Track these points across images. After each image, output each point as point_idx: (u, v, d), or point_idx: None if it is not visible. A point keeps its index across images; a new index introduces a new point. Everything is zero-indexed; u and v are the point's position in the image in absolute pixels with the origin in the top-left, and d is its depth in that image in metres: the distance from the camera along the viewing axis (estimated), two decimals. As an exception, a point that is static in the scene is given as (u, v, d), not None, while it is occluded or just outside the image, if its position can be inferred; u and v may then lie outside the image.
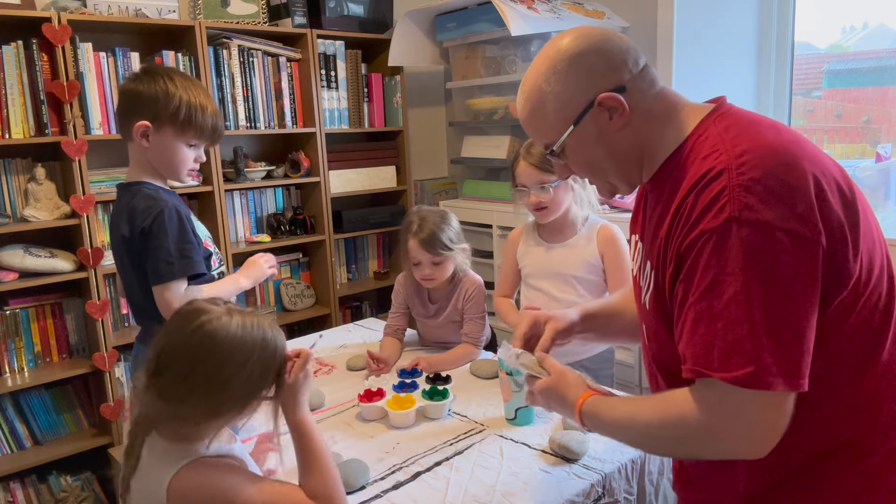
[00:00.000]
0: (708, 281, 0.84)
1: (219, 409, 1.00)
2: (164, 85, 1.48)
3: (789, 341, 0.81)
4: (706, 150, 0.90)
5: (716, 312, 0.83)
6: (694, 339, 0.86)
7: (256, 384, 1.03)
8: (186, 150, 1.53)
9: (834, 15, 2.53)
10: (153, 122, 1.48)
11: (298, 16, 2.92)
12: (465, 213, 2.88)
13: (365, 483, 1.33)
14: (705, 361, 0.84)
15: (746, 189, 0.82)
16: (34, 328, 2.48)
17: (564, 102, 0.99)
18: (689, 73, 2.51)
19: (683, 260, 0.88)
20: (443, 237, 1.89)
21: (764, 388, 0.80)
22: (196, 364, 0.98)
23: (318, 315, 3.13)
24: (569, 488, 1.28)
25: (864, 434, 0.90)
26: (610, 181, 1.06)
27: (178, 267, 1.47)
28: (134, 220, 1.47)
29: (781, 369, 0.80)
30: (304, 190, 3.16)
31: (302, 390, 1.11)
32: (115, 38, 2.59)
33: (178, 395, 0.98)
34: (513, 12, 2.39)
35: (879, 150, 2.31)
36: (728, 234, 0.82)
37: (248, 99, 2.83)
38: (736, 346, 0.81)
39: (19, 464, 2.38)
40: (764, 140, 0.87)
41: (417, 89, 3.49)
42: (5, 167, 2.40)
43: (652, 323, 1.01)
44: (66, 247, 2.49)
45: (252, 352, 1.01)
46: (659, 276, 0.95)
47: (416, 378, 1.79)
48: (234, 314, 1.03)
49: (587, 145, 1.01)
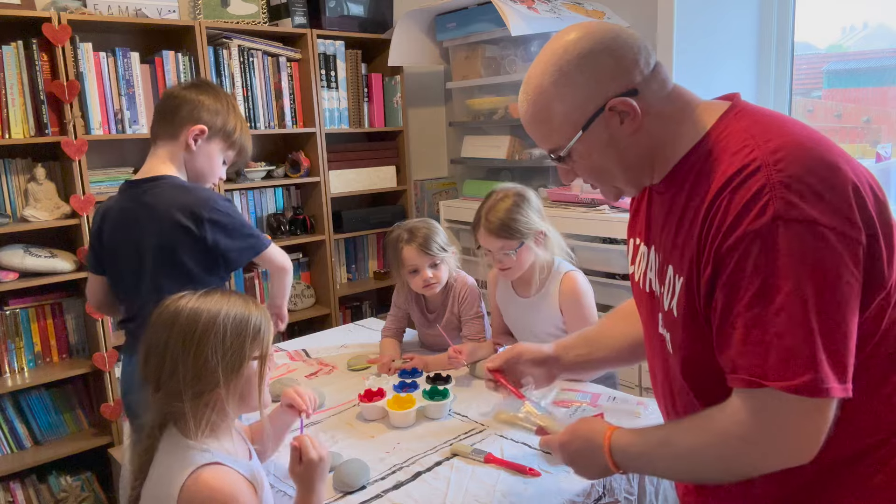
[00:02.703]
0: (757, 285, 0.80)
1: (203, 379, 1.00)
2: (227, 103, 1.63)
3: (841, 345, 0.78)
4: (734, 147, 0.86)
5: (769, 318, 0.79)
6: (746, 348, 0.81)
7: (233, 349, 1.02)
8: (221, 164, 1.66)
9: (834, 15, 2.53)
10: (210, 129, 1.59)
11: (298, 16, 2.92)
12: (466, 213, 2.88)
13: (365, 483, 1.33)
14: (761, 370, 0.80)
15: (787, 186, 0.79)
16: (34, 328, 2.48)
17: (573, 107, 0.92)
18: (689, 73, 2.51)
19: (724, 263, 0.83)
20: (437, 239, 1.90)
21: (824, 396, 0.78)
22: (168, 339, 1.01)
23: (318, 315, 3.13)
24: (569, 488, 1.28)
25: (887, 439, 0.87)
26: (617, 185, 1.01)
27: (261, 237, 1.64)
28: (199, 207, 1.51)
29: (837, 374, 0.78)
30: (304, 190, 3.16)
31: (313, 475, 1.11)
32: (115, 38, 2.59)
33: (164, 376, 1.01)
34: (513, 12, 2.39)
35: (879, 150, 2.31)
36: (775, 235, 0.78)
37: (247, 99, 2.83)
38: (793, 353, 0.78)
39: (19, 464, 2.38)
40: (796, 136, 0.84)
41: (417, 89, 3.49)
42: (5, 167, 2.39)
43: (680, 331, 0.95)
44: (66, 247, 2.49)
45: (222, 320, 1.02)
46: (693, 281, 0.89)
47: (416, 378, 1.79)
48: (204, 295, 1.05)
49: (596, 151, 0.95)
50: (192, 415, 1.01)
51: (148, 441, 1.04)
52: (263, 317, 1.08)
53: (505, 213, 1.71)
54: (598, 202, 2.43)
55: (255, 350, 1.06)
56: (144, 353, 1.04)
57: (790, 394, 0.78)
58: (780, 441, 0.82)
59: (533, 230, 1.73)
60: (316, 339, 2.32)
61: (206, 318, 1.02)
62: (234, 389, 1.04)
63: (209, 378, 1.01)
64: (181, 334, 1.01)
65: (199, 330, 1.01)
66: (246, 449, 1.15)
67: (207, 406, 1.02)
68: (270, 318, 1.10)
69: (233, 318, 1.03)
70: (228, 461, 1.03)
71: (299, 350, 2.18)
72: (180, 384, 1.00)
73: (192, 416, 1.01)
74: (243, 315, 1.05)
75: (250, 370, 1.06)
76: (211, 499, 0.97)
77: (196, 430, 1.01)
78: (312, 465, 1.11)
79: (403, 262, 1.91)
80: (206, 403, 1.02)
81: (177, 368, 1.00)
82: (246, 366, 1.05)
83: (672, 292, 0.95)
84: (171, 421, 1.03)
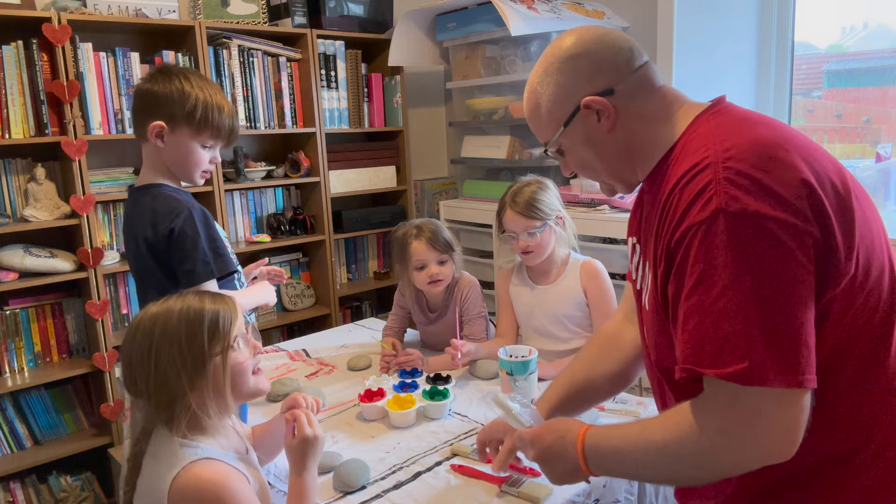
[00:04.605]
0: (697, 275, 0.81)
1: (170, 389, 1.01)
2: (180, 84, 1.45)
3: (785, 335, 0.78)
4: (694, 147, 0.89)
5: (706, 307, 0.80)
6: (685, 336, 0.83)
7: (191, 354, 1.01)
8: (201, 151, 1.50)
9: (834, 15, 2.53)
10: (168, 122, 1.45)
11: (298, 16, 2.92)
12: (465, 213, 2.88)
13: (365, 483, 1.33)
14: (696, 359, 0.81)
15: (732, 182, 0.81)
16: (34, 328, 2.48)
17: (555, 104, 1.01)
18: (689, 73, 2.51)
19: (674, 256, 0.86)
20: (445, 236, 1.94)
21: (759, 385, 0.77)
22: (132, 353, 1.03)
23: (318, 315, 3.13)
24: (569, 488, 1.28)
25: (868, 442, 0.87)
26: (603, 180, 1.07)
27: (216, 265, 1.46)
28: (158, 221, 1.44)
29: (778, 364, 0.77)
30: (304, 190, 3.16)
31: (306, 452, 1.10)
32: (115, 38, 2.59)
33: (139, 387, 1.02)
34: (513, 12, 2.39)
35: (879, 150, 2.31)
36: (715, 227, 0.80)
37: (247, 99, 2.83)
38: (728, 342, 0.79)
39: (19, 464, 2.38)
40: (754, 135, 0.86)
41: (417, 89, 3.49)
42: (5, 167, 2.40)
43: (652, 326, 0.99)
44: (66, 247, 2.49)
45: (174, 327, 1.02)
46: (655, 276, 0.93)
47: (416, 378, 1.79)
48: (164, 301, 1.05)
49: (578, 146, 1.02)
50: (174, 419, 1.02)
51: (136, 446, 1.05)
52: (222, 307, 1.06)
53: (531, 195, 1.83)
54: (598, 202, 2.43)
55: (215, 346, 1.04)
56: (121, 363, 1.06)
57: (731, 383, 0.79)
58: (751, 435, 0.81)
59: (555, 212, 1.85)
60: (316, 339, 2.32)
61: (160, 328, 1.02)
62: (206, 389, 1.03)
63: (175, 386, 1.01)
64: (141, 348, 1.02)
65: (155, 341, 1.01)
66: (244, 447, 1.14)
67: (187, 409, 1.02)
68: (234, 306, 1.08)
69: (186, 320, 1.02)
70: (218, 455, 1.03)
71: (299, 350, 2.18)
72: (153, 395, 1.01)
73: (174, 420, 1.02)
74: (197, 313, 1.03)
75: (216, 367, 1.03)
76: (202, 489, 0.97)
77: (181, 431, 1.02)
78: (307, 441, 1.10)
79: (411, 256, 1.92)
80: (184, 407, 1.02)
81: (148, 379, 1.01)
82: (210, 364, 1.03)
83: (646, 287, 0.99)
84: (160, 423, 1.04)
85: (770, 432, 0.80)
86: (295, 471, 1.12)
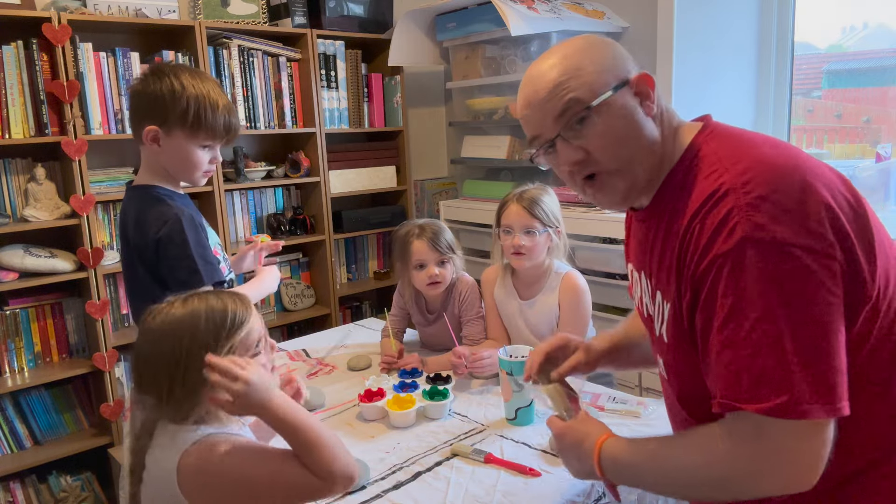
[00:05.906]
0: (728, 307, 0.80)
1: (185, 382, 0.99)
2: (171, 84, 1.40)
3: (822, 363, 0.77)
4: (705, 171, 0.88)
5: (740, 340, 0.79)
6: (720, 371, 0.81)
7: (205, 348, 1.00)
8: (200, 152, 1.46)
9: (834, 15, 2.53)
10: (162, 125, 1.42)
11: (298, 16, 2.92)
12: (465, 213, 2.88)
13: (365, 483, 1.33)
14: (734, 393, 0.80)
15: (755, 207, 0.79)
16: (34, 328, 2.48)
17: (602, 67, 0.93)
18: (689, 73, 2.51)
19: (700, 287, 0.84)
20: (446, 237, 1.94)
21: (800, 417, 0.76)
22: (152, 348, 1.01)
23: (317, 315, 3.13)
24: (569, 488, 1.28)
25: (889, 457, 0.86)
26: (624, 167, 0.95)
27: (205, 273, 1.42)
28: (146, 227, 1.42)
29: (818, 395, 0.76)
30: (304, 190, 3.16)
31: (250, 403, 0.98)
32: (115, 38, 2.59)
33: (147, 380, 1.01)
34: (513, 12, 2.39)
35: (879, 150, 2.31)
36: (743, 257, 0.78)
37: (247, 99, 2.83)
38: (765, 375, 0.77)
39: (19, 464, 2.38)
40: (763, 156, 0.85)
41: (417, 89, 3.49)
42: (5, 167, 2.40)
43: (672, 357, 0.96)
44: (66, 247, 2.49)
45: (195, 320, 1.00)
46: (676, 307, 0.91)
47: (416, 378, 1.79)
48: (185, 298, 1.03)
49: (619, 117, 0.93)
50: (190, 416, 1.02)
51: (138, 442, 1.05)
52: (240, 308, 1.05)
53: (537, 195, 1.83)
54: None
55: (244, 353, 1.04)
56: (134, 361, 1.04)
57: (765, 416, 0.77)
58: (772, 467, 0.80)
59: (554, 222, 1.83)
60: (316, 339, 2.32)
61: (189, 332, 1.00)
62: None
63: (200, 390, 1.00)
64: (162, 348, 1.00)
65: (184, 345, 0.99)
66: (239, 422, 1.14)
67: (206, 408, 1.03)
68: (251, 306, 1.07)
69: (213, 324, 1.01)
70: (226, 432, 1.03)
71: (299, 350, 2.18)
72: (173, 396, 1.00)
73: (189, 418, 1.02)
74: (222, 316, 1.02)
75: None
76: (213, 447, 0.97)
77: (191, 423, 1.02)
78: (239, 395, 0.97)
79: (411, 255, 1.92)
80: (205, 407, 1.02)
81: (173, 384, 0.99)
82: None
83: (662, 318, 0.96)
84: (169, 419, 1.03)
85: (793, 465, 0.80)
86: (265, 420, 1.01)
